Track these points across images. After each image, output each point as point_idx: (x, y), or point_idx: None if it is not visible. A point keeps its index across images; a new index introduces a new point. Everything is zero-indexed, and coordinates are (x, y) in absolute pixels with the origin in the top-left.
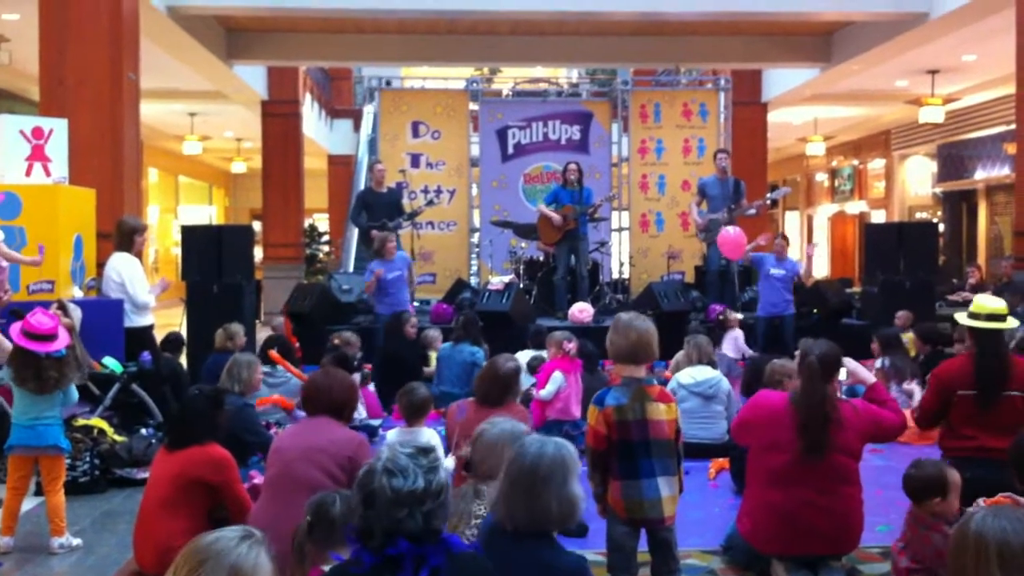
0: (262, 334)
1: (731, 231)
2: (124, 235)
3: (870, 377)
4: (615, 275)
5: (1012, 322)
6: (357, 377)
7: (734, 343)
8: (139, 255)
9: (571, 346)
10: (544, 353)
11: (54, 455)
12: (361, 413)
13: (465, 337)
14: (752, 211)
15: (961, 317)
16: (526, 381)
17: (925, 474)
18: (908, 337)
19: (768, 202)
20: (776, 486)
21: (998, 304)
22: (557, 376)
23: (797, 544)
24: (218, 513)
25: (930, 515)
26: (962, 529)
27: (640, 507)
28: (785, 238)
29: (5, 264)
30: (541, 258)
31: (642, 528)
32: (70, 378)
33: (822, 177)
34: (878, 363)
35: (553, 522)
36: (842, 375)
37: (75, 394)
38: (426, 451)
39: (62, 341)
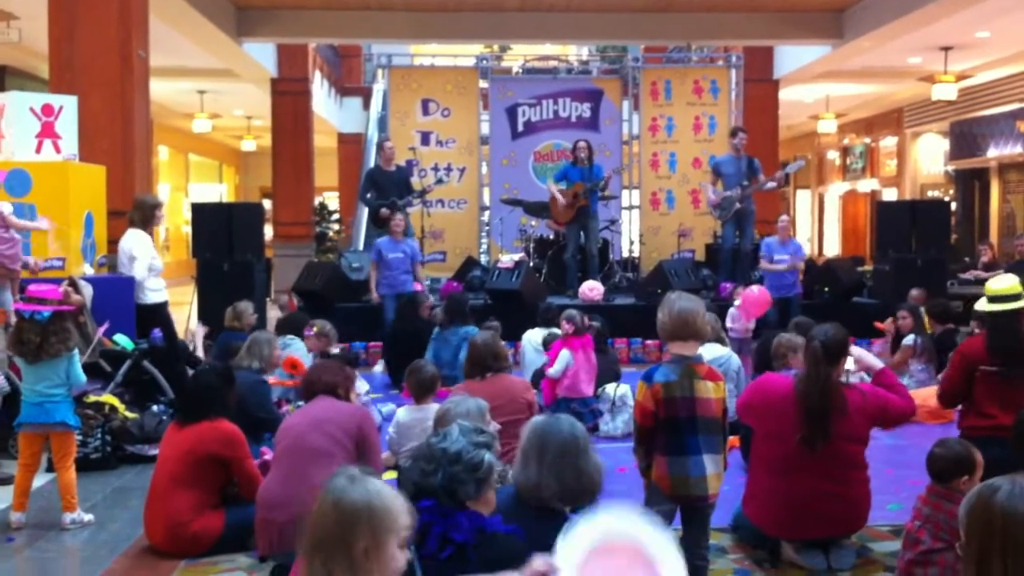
0: (272, 312)
1: (755, 290)
2: (147, 211)
3: (877, 363)
4: (625, 253)
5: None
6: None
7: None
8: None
9: (567, 326)
10: (557, 330)
11: (63, 432)
12: (363, 387)
13: (451, 323)
14: (772, 184)
15: (981, 304)
16: (538, 359)
17: (953, 453)
18: None
19: (784, 175)
20: (780, 473)
21: (1008, 284)
22: (564, 354)
23: (803, 528)
24: (229, 489)
25: (956, 493)
26: (986, 504)
27: (686, 484)
28: (786, 220)
29: (18, 236)
30: (551, 236)
31: (679, 505)
32: (58, 348)
33: (834, 155)
34: (908, 339)
35: (598, 486)
36: (849, 364)
37: (81, 375)
38: (483, 431)
39: (47, 307)
